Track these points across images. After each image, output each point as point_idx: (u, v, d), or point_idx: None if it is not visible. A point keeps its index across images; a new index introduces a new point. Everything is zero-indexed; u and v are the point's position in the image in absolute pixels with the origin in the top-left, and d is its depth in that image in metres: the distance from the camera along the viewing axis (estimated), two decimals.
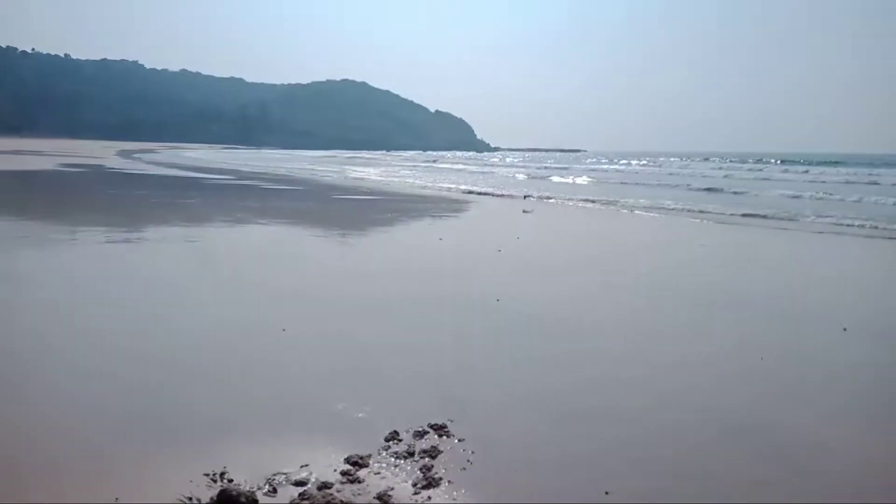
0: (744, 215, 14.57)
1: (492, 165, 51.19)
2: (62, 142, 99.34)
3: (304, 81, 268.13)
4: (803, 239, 11.35)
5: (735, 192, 22.45)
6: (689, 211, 15.52)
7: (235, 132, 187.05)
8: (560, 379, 3.92)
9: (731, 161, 51.22)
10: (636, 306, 5.91)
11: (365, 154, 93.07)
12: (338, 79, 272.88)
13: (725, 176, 31.78)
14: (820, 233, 12.05)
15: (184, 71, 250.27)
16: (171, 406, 3.31)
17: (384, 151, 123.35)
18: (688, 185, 26.07)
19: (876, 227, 12.39)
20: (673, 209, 15.94)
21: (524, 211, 14.51)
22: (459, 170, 42.07)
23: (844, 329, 5.11)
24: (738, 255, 9.72)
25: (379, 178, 28.43)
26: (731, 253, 10.03)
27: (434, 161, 59.65)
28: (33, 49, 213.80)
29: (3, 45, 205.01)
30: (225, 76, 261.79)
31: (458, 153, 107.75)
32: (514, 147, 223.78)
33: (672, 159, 54.65)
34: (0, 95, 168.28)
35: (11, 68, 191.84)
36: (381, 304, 5.59)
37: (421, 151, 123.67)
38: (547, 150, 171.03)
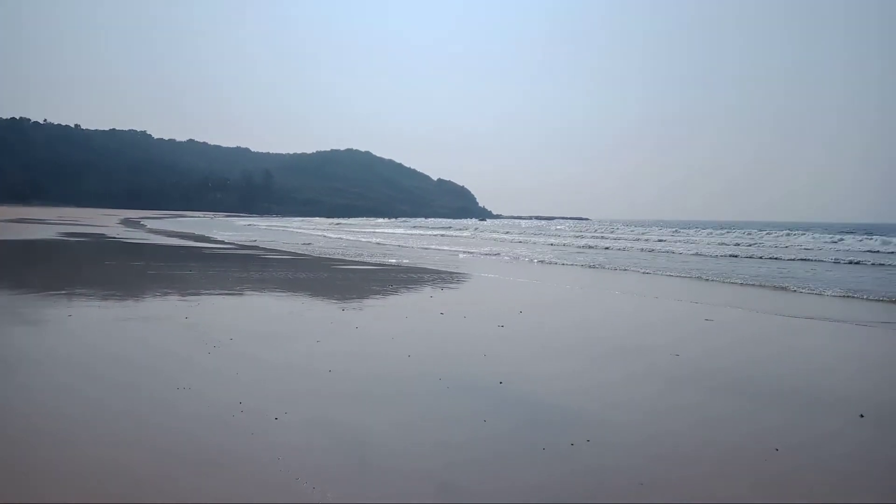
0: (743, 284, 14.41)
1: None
2: (68, 210, 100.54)
3: (309, 151, 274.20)
4: (812, 307, 11.15)
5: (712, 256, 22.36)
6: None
7: (240, 200, 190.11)
8: (559, 471, 3.67)
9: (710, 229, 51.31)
10: (647, 388, 5.67)
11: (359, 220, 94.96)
12: (342, 148, 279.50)
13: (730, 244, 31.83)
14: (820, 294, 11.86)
15: (191, 141, 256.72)
16: (151, 497, 3.07)
17: (386, 219, 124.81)
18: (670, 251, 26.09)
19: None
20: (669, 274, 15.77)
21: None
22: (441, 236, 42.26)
23: (861, 416, 4.87)
24: (744, 330, 9.48)
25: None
26: (738, 327, 9.80)
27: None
28: (45, 120, 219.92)
29: (17, 116, 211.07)
30: (231, 146, 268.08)
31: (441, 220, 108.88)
32: (515, 215, 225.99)
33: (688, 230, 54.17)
34: (11, 165, 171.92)
35: (23, 139, 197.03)
36: (379, 385, 5.37)
37: (423, 218, 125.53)
38: (550, 218, 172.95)
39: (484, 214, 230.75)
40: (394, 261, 20.26)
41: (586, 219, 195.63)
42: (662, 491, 3.51)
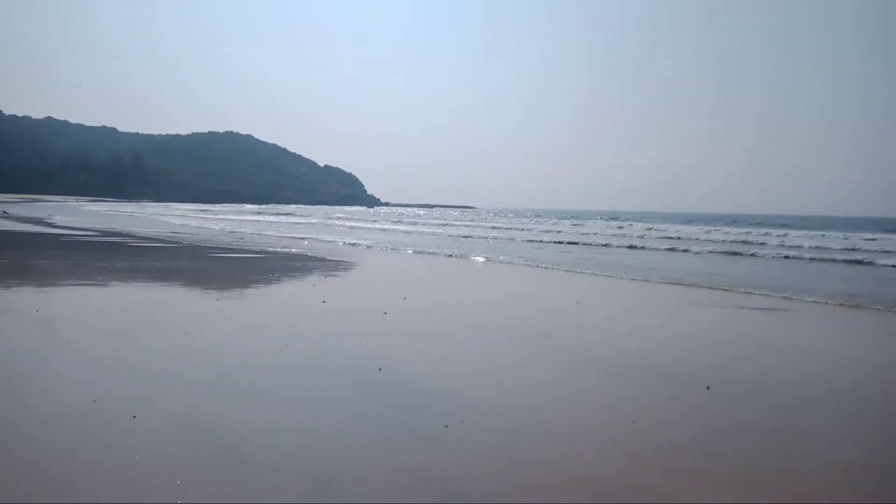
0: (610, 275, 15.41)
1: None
2: None
3: (185, 132, 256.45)
4: (676, 294, 12.13)
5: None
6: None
7: (106, 184, 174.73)
8: (433, 452, 3.74)
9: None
10: (519, 367, 5.89)
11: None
12: (221, 130, 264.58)
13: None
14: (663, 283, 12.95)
15: (49, 118, 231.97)
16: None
17: (270, 205, 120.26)
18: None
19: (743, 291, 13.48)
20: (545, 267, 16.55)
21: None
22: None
23: (707, 388, 5.36)
24: (607, 311, 10.13)
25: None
26: (603, 309, 10.45)
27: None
28: None
29: None
30: (96, 125, 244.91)
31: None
32: (404, 203, 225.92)
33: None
34: None
35: None
36: (251, 377, 5.18)
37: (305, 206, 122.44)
38: (435, 206, 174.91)
39: (372, 202, 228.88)
40: (273, 249, 19.62)
41: (472, 207, 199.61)
42: (532, 468, 3.66)
